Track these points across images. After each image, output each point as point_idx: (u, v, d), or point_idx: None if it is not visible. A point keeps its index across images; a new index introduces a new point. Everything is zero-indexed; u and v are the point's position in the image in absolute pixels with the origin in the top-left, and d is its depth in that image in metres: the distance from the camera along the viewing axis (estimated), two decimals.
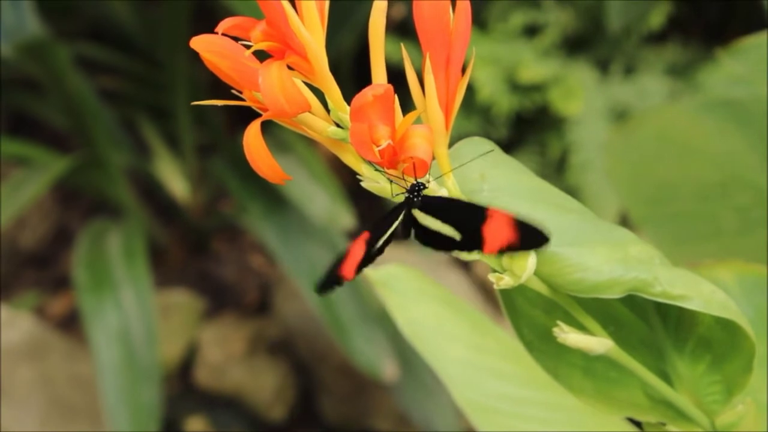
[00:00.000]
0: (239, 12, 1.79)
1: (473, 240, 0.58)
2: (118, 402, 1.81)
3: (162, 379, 1.88)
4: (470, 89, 2.24)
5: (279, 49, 0.55)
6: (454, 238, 0.59)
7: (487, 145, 0.65)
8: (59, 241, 2.45)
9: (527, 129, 2.39)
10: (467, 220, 0.58)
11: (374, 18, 0.57)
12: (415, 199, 0.58)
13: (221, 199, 2.48)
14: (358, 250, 0.59)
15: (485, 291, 2.22)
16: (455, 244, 0.59)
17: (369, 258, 0.59)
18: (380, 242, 0.59)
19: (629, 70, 2.41)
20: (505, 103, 2.29)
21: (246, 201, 2.05)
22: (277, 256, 1.99)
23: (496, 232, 0.57)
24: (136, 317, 1.88)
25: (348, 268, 0.59)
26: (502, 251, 0.58)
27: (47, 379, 2.07)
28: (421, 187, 0.58)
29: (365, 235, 0.59)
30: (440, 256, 2.23)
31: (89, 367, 2.04)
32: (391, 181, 0.58)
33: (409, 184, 0.58)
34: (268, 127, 0.56)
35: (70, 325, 2.28)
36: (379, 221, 0.59)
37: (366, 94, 0.53)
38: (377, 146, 0.54)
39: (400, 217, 0.59)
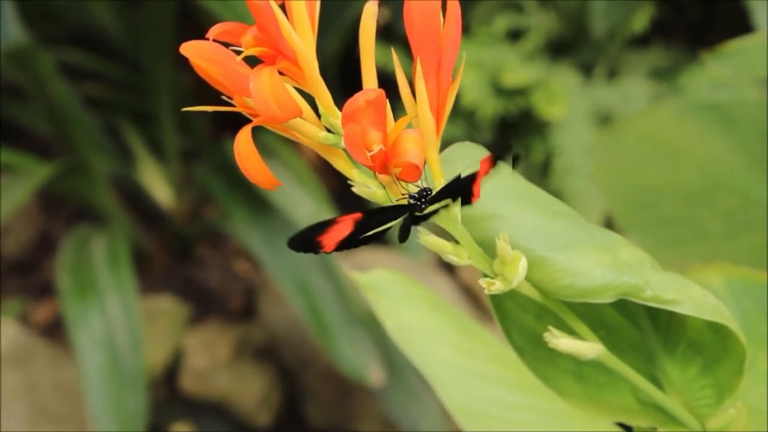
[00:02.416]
0: (223, 17, 1.79)
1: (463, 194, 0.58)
2: (103, 408, 1.80)
3: (147, 385, 1.87)
4: None
5: (270, 55, 0.55)
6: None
7: (477, 149, 0.65)
8: (43, 248, 2.45)
9: (511, 133, 2.40)
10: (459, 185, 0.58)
11: (364, 22, 0.57)
12: (422, 206, 0.58)
13: (205, 205, 2.47)
14: (345, 227, 0.58)
15: (471, 295, 2.22)
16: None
17: (353, 241, 0.59)
18: (370, 233, 0.59)
19: (612, 74, 2.42)
20: (489, 107, 2.29)
21: (230, 206, 2.05)
22: (261, 262, 1.99)
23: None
24: (120, 324, 1.88)
25: (329, 240, 0.58)
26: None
27: (32, 386, 2.07)
28: (428, 193, 0.57)
29: (358, 216, 0.58)
30: (427, 261, 2.23)
31: (74, 374, 2.03)
32: (384, 188, 0.58)
33: (406, 190, 0.57)
34: (252, 133, 0.56)
35: (55, 331, 2.27)
36: (376, 211, 0.59)
37: (358, 99, 0.53)
38: (369, 151, 0.54)
39: (399, 221, 0.59)
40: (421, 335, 0.96)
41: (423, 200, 0.57)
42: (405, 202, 0.58)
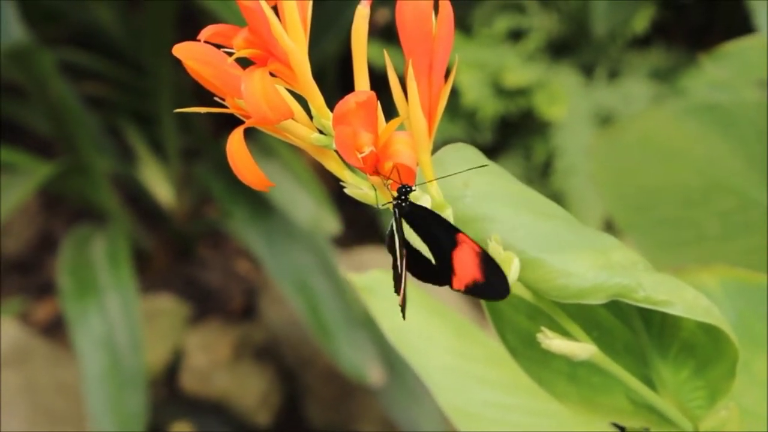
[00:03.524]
0: (224, 18, 1.79)
1: (445, 268, 0.58)
2: (103, 408, 1.80)
3: (147, 384, 1.88)
4: (455, 94, 2.24)
5: (261, 57, 0.55)
6: (431, 264, 0.59)
7: (470, 151, 0.65)
8: (44, 247, 2.45)
9: (512, 133, 2.40)
10: (441, 242, 0.58)
11: (357, 24, 0.57)
12: (404, 204, 0.58)
13: (206, 205, 2.48)
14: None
15: (469, 298, 2.22)
16: (431, 271, 0.60)
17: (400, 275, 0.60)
18: (399, 256, 0.60)
19: (613, 75, 2.42)
20: (489, 107, 2.29)
21: (231, 206, 2.05)
22: (262, 261, 1.99)
23: (464, 264, 0.57)
24: (120, 323, 1.88)
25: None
26: (468, 290, 0.58)
27: (32, 385, 2.07)
28: (408, 189, 0.57)
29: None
30: None
31: (74, 373, 2.03)
32: (375, 190, 0.58)
33: (393, 196, 0.58)
34: (252, 132, 0.56)
35: (55, 331, 2.27)
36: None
37: (349, 101, 0.53)
38: (360, 153, 0.54)
39: (392, 225, 0.59)
40: (416, 337, 0.96)
41: (404, 198, 0.57)
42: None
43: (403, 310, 0.61)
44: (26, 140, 2.49)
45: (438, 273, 0.59)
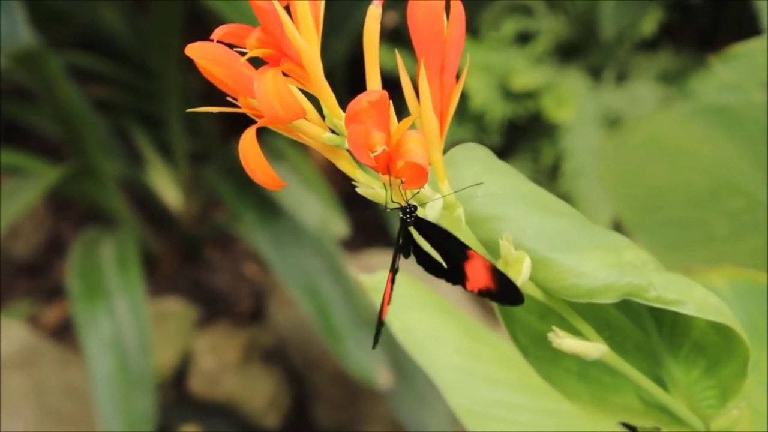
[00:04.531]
0: (231, 19, 1.79)
1: (458, 274, 0.60)
2: (112, 411, 1.81)
3: (155, 387, 1.88)
4: (463, 96, 2.24)
5: (274, 56, 0.55)
6: (443, 267, 0.60)
7: (481, 151, 0.65)
8: (52, 251, 2.45)
9: (520, 136, 2.40)
10: (452, 253, 0.59)
11: (368, 24, 0.57)
12: (408, 220, 0.59)
13: (214, 207, 2.48)
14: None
15: (478, 299, 2.22)
16: (444, 272, 0.60)
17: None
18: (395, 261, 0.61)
19: (621, 77, 2.42)
20: (498, 110, 2.29)
21: (239, 209, 2.05)
22: (270, 264, 1.99)
23: (476, 274, 0.59)
24: (129, 326, 1.88)
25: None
26: (482, 293, 0.59)
27: (40, 388, 2.07)
28: (413, 209, 0.58)
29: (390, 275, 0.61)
30: None
31: (83, 376, 2.03)
32: (386, 189, 0.58)
33: (405, 196, 0.58)
34: (260, 135, 0.56)
35: (64, 334, 2.28)
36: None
37: (361, 100, 0.53)
38: (372, 152, 0.54)
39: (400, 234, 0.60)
40: (426, 337, 0.96)
41: (409, 215, 0.59)
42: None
43: (380, 315, 0.63)
44: (34, 144, 2.50)
45: (451, 274, 0.60)
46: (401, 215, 0.59)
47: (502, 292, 0.59)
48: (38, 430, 2.03)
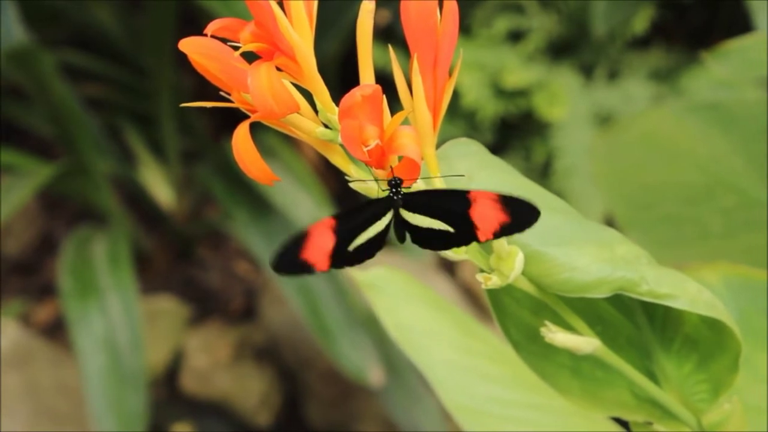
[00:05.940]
0: (223, 16, 1.79)
1: (466, 230, 0.57)
2: (105, 408, 1.81)
3: (148, 385, 1.88)
4: (455, 94, 2.24)
5: (268, 51, 0.55)
6: (449, 233, 0.58)
7: (474, 146, 0.65)
8: (44, 249, 2.45)
9: (512, 134, 2.40)
10: (453, 210, 0.57)
11: (362, 19, 0.57)
12: (396, 197, 0.58)
13: (206, 206, 2.48)
14: (324, 237, 0.58)
15: (470, 295, 2.22)
16: (451, 238, 0.58)
17: (346, 254, 0.59)
18: (362, 241, 0.59)
19: (613, 75, 2.42)
20: (489, 108, 2.29)
21: (231, 207, 2.05)
22: (262, 262, 1.99)
23: (485, 216, 0.56)
24: (121, 324, 1.88)
25: (316, 257, 0.58)
26: (498, 235, 0.57)
27: (33, 386, 2.07)
28: (399, 181, 0.57)
29: (330, 221, 0.58)
30: (427, 261, 2.23)
31: (75, 374, 2.03)
32: (378, 183, 0.58)
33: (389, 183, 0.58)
34: (253, 133, 0.56)
35: (56, 332, 2.27)
36: (351, 212, 0.58)
37: (355, 95, 0.53)
38: (366, 146, 0.54)
39: (387, 218, 0.59)
40: (419, 333, 0.96)
41: (396, 190, 0.57)
42: (381, 198, 0.58)
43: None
44: (27, 141, 2.50)
45: (459, 235, 0.58)
46: (390, 193, 0.57)
47: (519, 215, 0.56)
48: (32, 428, 2.03)
